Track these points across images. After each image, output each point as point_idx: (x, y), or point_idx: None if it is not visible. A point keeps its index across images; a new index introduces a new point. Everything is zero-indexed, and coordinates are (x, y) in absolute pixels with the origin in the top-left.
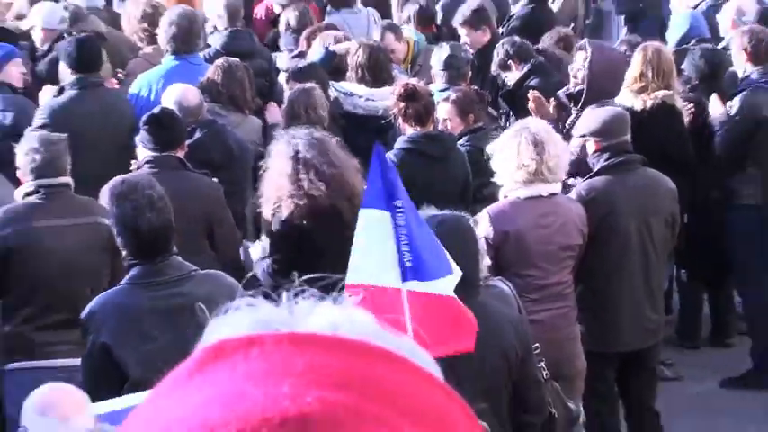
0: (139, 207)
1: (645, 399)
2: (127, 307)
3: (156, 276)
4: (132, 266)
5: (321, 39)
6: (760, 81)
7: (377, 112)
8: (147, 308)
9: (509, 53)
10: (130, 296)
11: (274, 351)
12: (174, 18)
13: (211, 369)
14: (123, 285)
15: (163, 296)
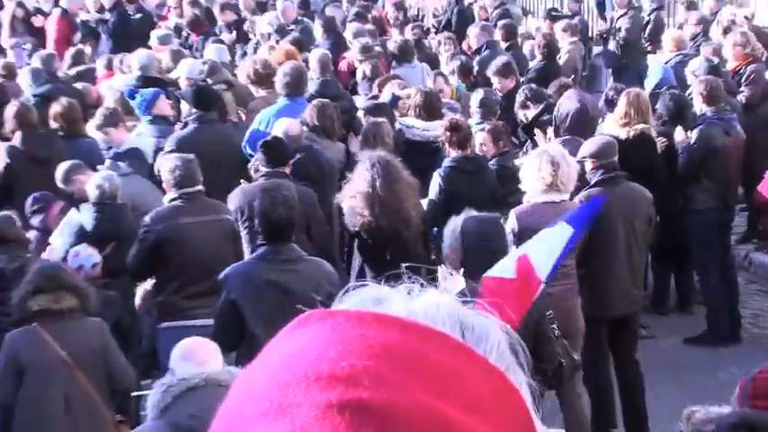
0: (276, 203)
1: (628, 352)
2: (252, 274)
3: (278, 255)
4: (261, 246)
5: (389, 86)
6: (712, 118)
7: (430, 139)
8: (267, 277)
9: (527, 96)
10: (256, 267)
11: (341, 324)
12: (287, 71)
13: (300, 330)
14: (252, 259)
15: (280, 270)
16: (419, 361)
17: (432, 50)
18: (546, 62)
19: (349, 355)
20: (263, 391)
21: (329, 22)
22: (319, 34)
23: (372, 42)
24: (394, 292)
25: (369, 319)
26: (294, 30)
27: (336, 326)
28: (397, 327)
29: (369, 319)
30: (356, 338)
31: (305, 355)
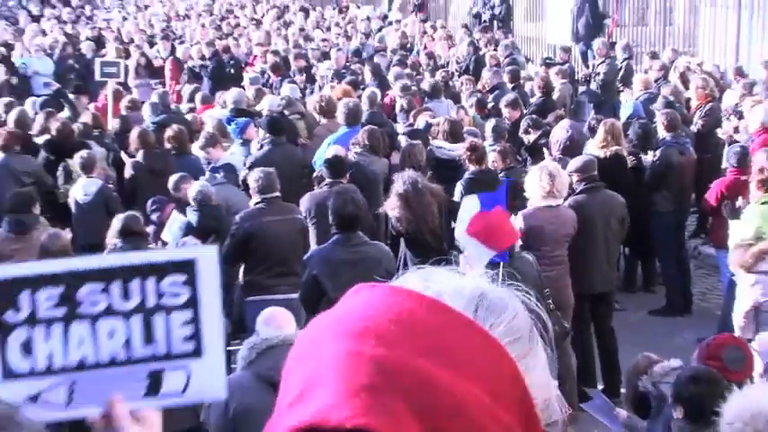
0: (346, 201)
1: (605, 322)
2: (330, 256)
3: (348, 241)
4: (335, 234)
5: (422, 116)
6: (671, 142)
7: (454, 157)
8: (340, 257)
9: (529, 124)
10: (332, 250)
11: (370, 295)
12: (346, 105)
13: (353, 296)
14: (329, 244)
15: (350, 251)
16: (425, 329)
17: (455, 89)
18: (543, 98)
19: (374, 318)
20: (309, 338)
21: (376, 67)
22: (368, 77)
23: (409, 83)
24: (438, 274)
25: (400, 294)
26: (346, 73)
27: (375, 295)
28: (418, 302)
29: (401, 293)
30: (385, 306)
31: (347, 314)
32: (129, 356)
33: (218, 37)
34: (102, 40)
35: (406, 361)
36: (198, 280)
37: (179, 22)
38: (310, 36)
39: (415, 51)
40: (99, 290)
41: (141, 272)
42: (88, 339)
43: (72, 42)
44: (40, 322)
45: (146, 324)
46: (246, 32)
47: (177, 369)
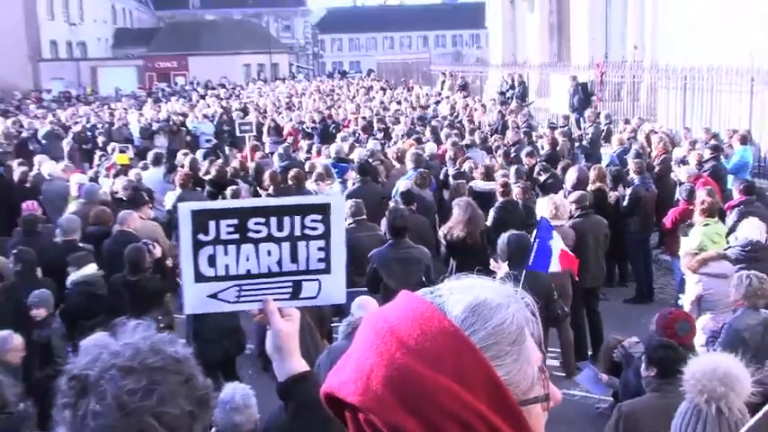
0: (397, 217)
1: (594, 307)
2: (386, 254)
3: (398, 245)
4: (390, 239)
5: (465, 163)
6: (639, 182)
7: (487, 191)
8: (392, 256)
9: (541, 169)
10: (386, 251)
11: (401, 301)
12: (414, 154)
13: (393, 301)
14: (384, 247)
15: (399, 252)
16: (422, 335)
17: (488, 144)
18: (550, 151)
19: (392, 321)
20: (362, 325)
21: (433, 129)
22: (428, 135)
23: (456, 140)
24: (461, 285)
25: (418, 304)
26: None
27: (403, 303)
28: (425, 312)
29: (418, 304)
30: (404, 313)
31: (382, 313)
32: (280, 270)
33: (324, 107)
34: (246, 110)
35: (402, 360)
36: (330, 218)
37: (297, 98)
38: (387, 107)
39: (460, 118)
40: (262, 222)
41: (291, 211)
42: (252, 256)
43: (226, 112)
44: (221, 242)
45: (292, 248)
46: (343, 104)
47: (312, 281)
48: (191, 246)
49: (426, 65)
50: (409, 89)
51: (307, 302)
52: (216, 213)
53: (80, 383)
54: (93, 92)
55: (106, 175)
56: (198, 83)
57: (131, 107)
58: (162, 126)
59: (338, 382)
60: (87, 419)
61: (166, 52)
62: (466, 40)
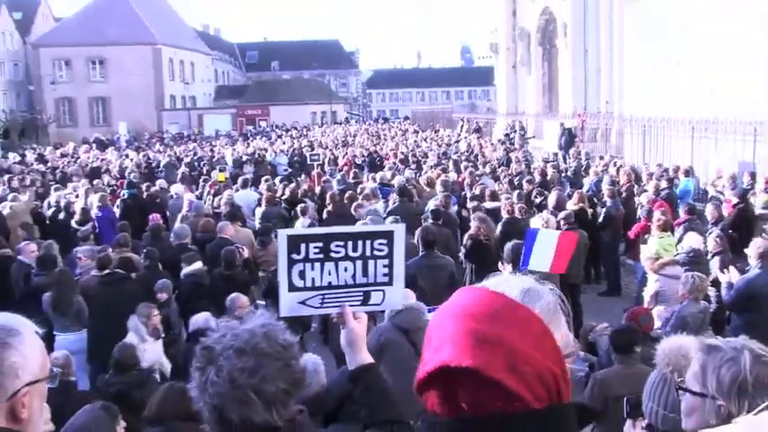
0: (427, 233)
1: (576, 299)
2: (419, 262)
3: (428, 255)
4: (422, 251)
5: (478, 187)
6: (611, 204)
7: (497, 209)
8: (425, 263)
9: (537, 193)
10: (420, 259)
11: (466, 294)
12: (442, 180)
13: (458, 295)
14: (418, 257)
15: (429, 260)
16: (497, 311)
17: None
18: (543, 179)
19: (469, 306)
20: (438, 318)
21: (455, 162)
22: (451, 166)
23: (473, 170)
24: (505, 279)
25: (482, 292)
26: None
27: (469, 294)
28: (493, 296)
29: (482, 291)
30: (475, 299)
31: (455, 304)
32: (354, 282)
33: (371, 145)
34: (312, 146)
35: (487, 329)
36: (393, 243)
37: (350, 138)
38: (419, 144)
39: (475, 154)
40: (341, 245)
41: (364, 236)
42: (333, 272)
43: (298, 147)
44: (309, 260)
45: (364, 265)
46: (386, 143)
47: (378, 291)
48: (286, 262)
49: (449, 113)
50: (436, 131)
51: (373, 308)
52: (305, 238)
53: (208, 354)
54: (199, 133)
55: (209, 193)
56: (276, 125)
57: (227, 144)
58: (249, 158)
59: (447, 356)
60: (207, 384)
61: (253, 103)
62: (479, 94)
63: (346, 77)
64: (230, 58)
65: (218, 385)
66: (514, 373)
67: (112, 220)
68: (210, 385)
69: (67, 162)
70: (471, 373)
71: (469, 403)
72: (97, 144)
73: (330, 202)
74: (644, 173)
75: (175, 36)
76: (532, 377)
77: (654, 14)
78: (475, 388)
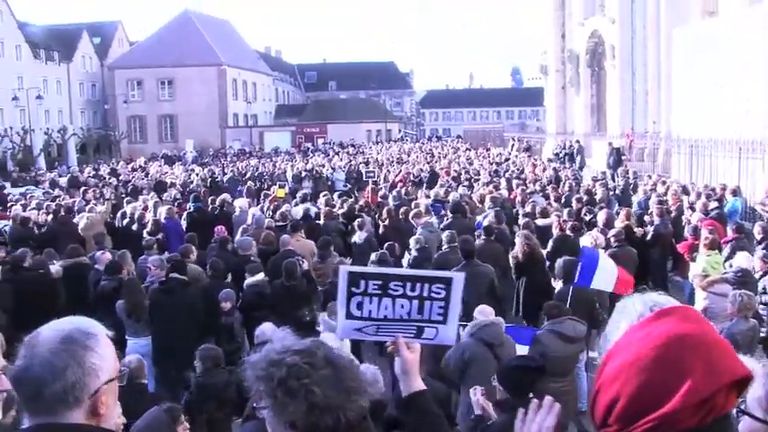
0: (468, 244)
1: None
2: (461, 271)
3: (469, 264)
4: (463, 260)
5: (529, 204)
6: (660, 222)
7: (547, 225)
8: (466, 272)
9: (587, 210)
10: (461, 269)
11: (670, 314)
12: (492, 197)
13: (655, 320)
14: (459, 266)
15: (470, 269)
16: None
17: (546, 192)
18: (590, 197)
19: (688, 329)
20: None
21: (507, 180)
22: (503, 184)
23: (524, 188)
24: (647, 295)
25: (671, 311)
26: (490, 181)
27: (662, 317)
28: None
29: (665, 312)
30: (687, 319)
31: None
32: (408, 318)
33: (425, 163)
34: (368, 163)
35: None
36: (451, 289)
37: (405, 155)
38: (471, 162)
39: (526, 172)
40: (400, 285)
41: (422, 279)
42: (390, 307)
43: (354, 164)
44: (368, 295)
45: (420, 304)
46: (440, 159)
47: (432, 328)
48: (345, 294)
49: (500, 132)
50: (487, 150)
51: (426, 342)
52: (366, 275)
53: (277, 365)
54: (260, 149)
55: (269, 207)
56: (334, 143)
57: (286, 160)
58: (308, 174)
59: (739, 369)
60: (276, 392)
61: (312, 121)
62: (529, 114)
63: (401, 97)
64: (290, 79)
65: (287, 393)
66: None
67: (179, 231)
68: (278, 393)
69: (138, 176)
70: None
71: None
72: (165, 159)
73: (386, 217)
74: (692, 192)
75: (239, 58)
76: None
77: (701, 38)
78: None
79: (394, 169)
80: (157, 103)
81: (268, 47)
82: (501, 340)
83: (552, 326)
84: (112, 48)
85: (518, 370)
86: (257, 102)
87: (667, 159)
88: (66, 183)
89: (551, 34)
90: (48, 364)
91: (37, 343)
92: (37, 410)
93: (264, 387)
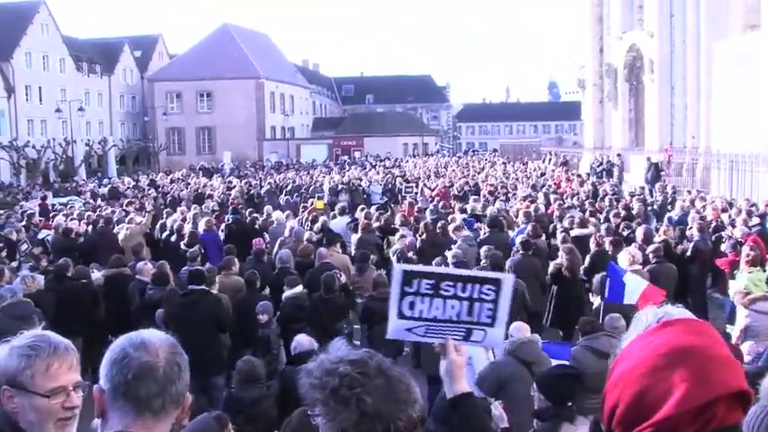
0: (497, 258)
1: None
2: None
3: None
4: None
5: (566, 218)
6: (700, 238)
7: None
8: None
9: (624, 226)
10: None
11: (672, 325)
12: (526, 211)
13: (659, 330)
14: None
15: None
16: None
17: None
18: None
19: (695, 341)
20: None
21: (545, 195)
22: (540, 199)
23: (562, 202)
24: (662, 308)
25: (675, 322)
26: (528, 197)
27: (668, 327)
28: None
29: (673, 322)
30: (690, 331)
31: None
32: (458, 319)
33: (461, 176)
34: (406, 176)
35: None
36: (501, 290)
37: (442, 169)
38: (508, 176)
39: (563, 186)
40: (451, 285)
41: (474, 280)
42: (440, 307)
43: (391, 177)
44: (420, 294)
45: (470, 305)
46: (478, 173)
47: (480, 330)
48: (398, 293)
49: (536, 146)
50: (524, 164)
51: (474, 344)
52: (420, 274)
53: (329, 378)
54: (297, 162)
55: (306, 219)
56: (370, 156)
57: (323, 173)
58: (345, 186)
59: (734, 381)
60: (330, 405)
61: (348, 134)
62: (566, 128)
63: (437, 111)
64: (327, 92)
65: (339, 401)
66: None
67: (218, 242)
68: (331, 401)
69: (178, 188)
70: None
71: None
72: (203, 171)
73: (423, 231)
74: (733, 208)
75: (277, 71)
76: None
77: (743, 52)
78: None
79: (431, 183)
80: (196, 115)
81: (306, 60)
82: (538, 358)
83: (588, 342)
84: (153, 60)
85: (557, 378)
86: (294, 114)
87: (706, 175)
88: (106, 193)
89: (589, 48)
90: (174, 365)
91: (151, 345)
92: (150, 409)
93: (318, 395)
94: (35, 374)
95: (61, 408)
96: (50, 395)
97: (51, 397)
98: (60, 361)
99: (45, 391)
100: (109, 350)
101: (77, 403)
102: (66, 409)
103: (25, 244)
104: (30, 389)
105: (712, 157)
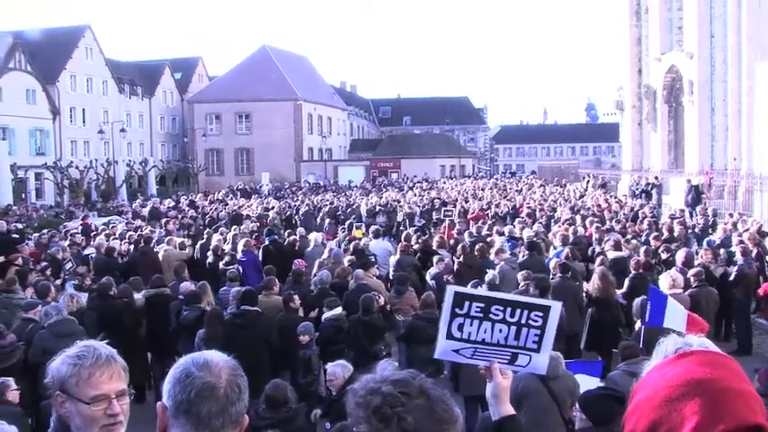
0: (544, 282)
1: None
2: None
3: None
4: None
5: (607, 242)
6: (744, 261)
7: (619, 258)
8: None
9: (664, 248)
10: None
11: (688, 356)
12: (562, 234)
13: (675, 361)
14: None
15: None
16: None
17: (624, 229)
18: (669, 235)
19: (706, 373)
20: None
21: (583, 216)
22: (578, 221)
23: (600, 225)
24: (684, 337)
25: (692, 353)
26: (568, 220)
27: (687, 358)
28: (695, 352)
29: (691, 352)
30: (705, 363)
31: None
32: (505, 343)
33: (500, 198)
34: (443, 198)
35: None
36: (548, 317)
37: (479, 191)
38: (546, 198)
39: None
40: (501, 309)
41: (522, 306)
42: (489, 331)
43: (428, 199)
44: (470, 317)
45: (517, 330)
46: (512, 195)
47: (525, 355)
48: (449, 314)
49: (574, 168)
50: (562, 186)
51: (518, 369)
52: (470, 297)
53: (373, 396)
54: (335, 183)
55: (345, 239)
56: (407, 178)
57: (361, 194)
58: (382, 208)
59: (746, 415)
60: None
61: (386, 156)
62: (604, 150)
63: (474, 132)
64: (365, 113)
65: (381, 420)
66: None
67: (256, 263)
68: (373, 419)
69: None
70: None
71: None
72: (241, 192)
73: (461, 254)
74: None
75: (315, 92)
76: None
77: None
78: None
79: (469, 205)
80: (235, 136)
81: (343, 82)
82: (556, 373)
83: (627, 366)
84: (192, 83)
85: (601, 399)
86: (332, 136)
87: (748, 197)
88: (147, 214)
89: (628, 69)
90: (234, 386)
91: (214, 366)
92: (209, 428)
93: (362, 413)
94: (79, 382)
95: (104, 414)
96: (91, 402)
97: (92, 404)
98: (102, 370)
99: (87, 398)
100: (173, 368)
101: (119, 410)
102: (110, 416)
103: (70, 262)
104: (75, 395)
105: (755, 180)
